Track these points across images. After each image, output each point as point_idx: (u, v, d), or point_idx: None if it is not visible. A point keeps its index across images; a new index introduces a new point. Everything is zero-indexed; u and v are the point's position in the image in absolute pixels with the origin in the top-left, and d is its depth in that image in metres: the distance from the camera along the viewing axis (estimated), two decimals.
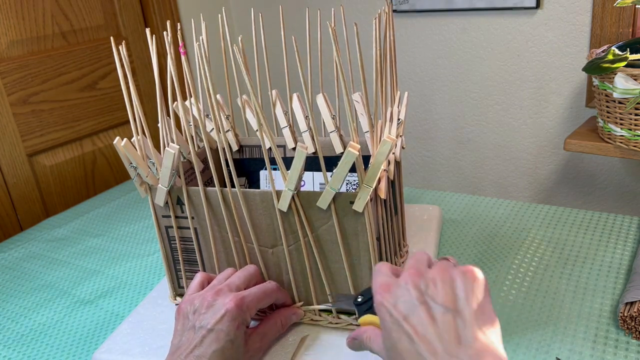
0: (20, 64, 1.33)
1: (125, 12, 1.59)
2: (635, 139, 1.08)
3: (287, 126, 0.74)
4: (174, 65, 0.59)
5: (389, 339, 0.42)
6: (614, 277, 0.69)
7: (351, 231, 0.56)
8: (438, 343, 0.39)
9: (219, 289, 0.56)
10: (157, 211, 0.64)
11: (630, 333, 0.59)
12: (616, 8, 1.29)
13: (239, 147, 0.78)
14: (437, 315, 0.40)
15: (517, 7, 1.43)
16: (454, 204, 0.92)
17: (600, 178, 1.50)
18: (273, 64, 0.74)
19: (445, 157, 1.73)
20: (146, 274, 0.83)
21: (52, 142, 1.41)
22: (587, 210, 0.85)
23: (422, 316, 0.40)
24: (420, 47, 1.64)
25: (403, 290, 0.42)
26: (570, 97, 1.46)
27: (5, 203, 1.33)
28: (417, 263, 0.45)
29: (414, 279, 0.43)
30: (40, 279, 0.85)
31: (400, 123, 0.67)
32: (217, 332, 0.52)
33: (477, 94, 1.60)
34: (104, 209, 1.09)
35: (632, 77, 1.01)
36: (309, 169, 0.74)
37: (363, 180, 0.53)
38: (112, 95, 1.55)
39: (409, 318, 0.41)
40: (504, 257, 0.75)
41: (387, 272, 0.46)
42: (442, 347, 0.38)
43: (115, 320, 0.73)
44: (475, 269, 0.42)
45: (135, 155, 0.60)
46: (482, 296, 0.41)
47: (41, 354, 0.68)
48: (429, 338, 0.39)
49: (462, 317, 0.40)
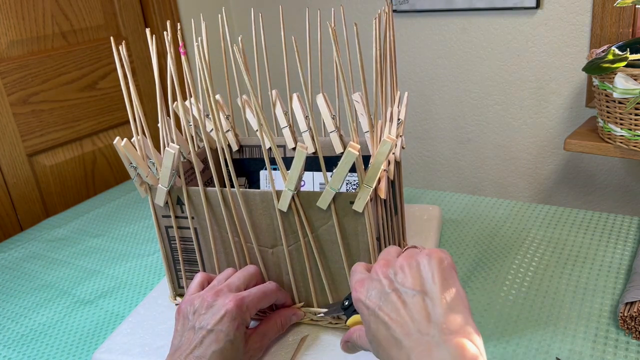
0: (20, 64, 1.33)
1: (125, 12, 1.59)
2: (635, 139, 1.08)
3: (287, 126, 0.74)
4: (174, 65, 0.59)
5: (369, 331, 0.44)
6: (614, 277, 0.69)
7: (351, 231, 0.56)
8: (411, 324, 0.41)
9: (218, 290, 0.56)
10: (157, 211, 0.64)
11: (630, 333, 0.59)
12: (616, 8, 1.29)
13: (239, 147, 0.78)
14: (407, 299, 0.42)
15: (517, 7, 1.43)
16: (454, 204, 0.92)
17: (600, 178, 1.50)
18: (273, 64, 0.74)
19: (445, 157, 1.73)
20: (146, 274, 0.83)
21: (52, 142, 1.41)
22: (587, 210, 0.85)
23: (394, 302, 0.42)
24: (420, 47, 1.64)
25: (375, 282, 0.45)
26: (570, 97, 1.46)
27: (5, 203, 1.33)
28: (386, 255, 0.47)
29: (383, 269, 0.45)
30: (40, 279, 0.85)
31: (400, 123, 0.67)
32: (216, 332, 0.52)
33: (477, 94, 1.60)
34: (104, 209, 1.09)
35: (632, 77, 1.01)
36: (309, 169, 0.74)
37: (363, 180, 0.53)
38: (112, 95, 1.55)
39: (383, 307, 0.43)
40: (504, 257, 0.75)
41: (362, 270, 0.48)
42: (415, 327, 0.40)
43: (115, 320, 0.73)
44: (440, 250, 0.44)
45: (135, 155, 0.60)
46: (448, 274, 0.43)
47: (41, 354, 0.68)
48: (401, 321, 0.41)
49: (430, 296, 0.42)
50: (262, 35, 0.72)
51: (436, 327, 0.39)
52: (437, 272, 0.43)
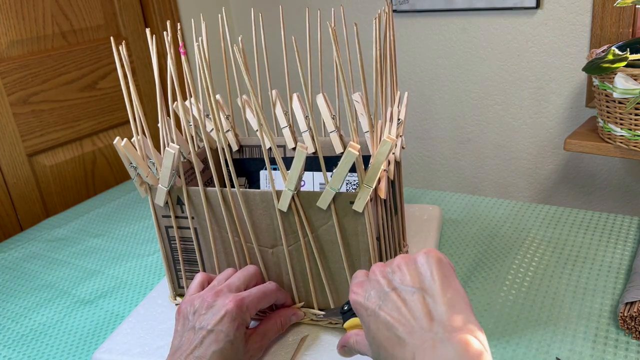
0: (20, 64, 1.33)
1: (125, 12, 1.59)
2: (635, 139, 1.08)
3: (287, 126, 0.74)
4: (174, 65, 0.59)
5: (369, 333, 0.44)
6: (614, 277, 0.69)
7: (351, 231, 0.56)
8: (413, 322, 0.40)
9: (218, 290, 0.56)
10: (157, 211, 0.64)
11: (630, 333, 0.59)
12: (616, 8, 1.29)
13: (239, 147, 0.78)
14: (407, 297, 0.42)
15: (517, 7, 1.43)
16: (454, 204, 0.92)
17: (600, 178, 1.50)
18: (273, 63, 0.74)
19: (445, 157, 1.73)
20: (146, 274, 0.83)
21: (52, 142, 1.41)
22: (587, 210, 0.85)
23: (394, 300, 0.42)
24: (420, 47, 1.64)
25: (373, 282, 0.45)
26: (570, 97, 1.46)
27: (5, 203, 1.33)
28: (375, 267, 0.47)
29: (380, 269, 0.45)
30: (41, 279, 0.85)
31: (400, 123, 0.67)
32: (216, 332, 0.52)
33: (477, 94, 1.60)
34: (104, 209, 1.09)
35: (632, 77, 1.01)
36: (309, 169, 0.74)
37: (363, 180, 0.53)
38: (112, 95, 1.55)
39: (383, 306, 0.43)
40: (504, 257, 0.75)
41: (362, 275, 0.48)
42: (417, 325, 0.40)
43: (115, 320, 0.73)
44: (436, 250, 0.45)
45: (135, 155, 0.60)
46: (447, 272, 0.43)
47: (41, 354, 0.68)
48: (403, 320, 0.41)
49: (431, 294, 0.42)
50: (262, 35, 0.72)
51: (439, 324, 0.39)
52: (435, 269, 0.43)
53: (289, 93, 0.73)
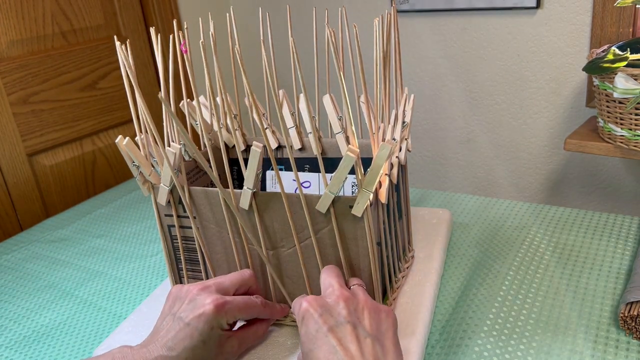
0: (20, 63, 1.33)
1: (125, 12, 1.59)
2: (636, 139, 1.08)
3: (294, 127, 0.74)
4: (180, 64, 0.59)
5: (308, 342, 0.47)
6: (614, 277, 0.69)
7: (350, 236, 0.56)
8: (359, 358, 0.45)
9: (206, 286, 0.56)
10: (160, 210, 0.64)
11: (631, 333, 0.59)
12: (616, 8, 1.30)
13: (246, 146, 0.78)
14: (361, 337, 0.47)
15: (517, 7, 1.43)
16: (454, 204, 0.93)
17: (600, 178, 1.50)
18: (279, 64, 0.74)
19: (445, 157, 1.74)
20: (149, 275, 0.83)
21: (52, 142, 1.41)
22: (587, 210, 0.85)
23: (348, 332, 0.47)
24: (420, 47, 1.64)
25: (335, 307, 0.49)
26: (570, 97, 1.46)
27: (5, 203, 1.33)
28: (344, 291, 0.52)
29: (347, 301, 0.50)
30: (43, 280, 0.85)
31: (406, 125, 0.66)
32: (191, 328, 0.52)
33: (476, 94, 1.60)
34: (105, 209, 1.09)
35: (632, 77, 1.01)
36: (316, 170, 0.74)
37: (362, 184, 0.52)
38: (112, 95, 1.55)
39: (335, 330, 0.47)
40: (504, 257, 0.76)
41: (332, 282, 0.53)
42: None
43: (118, 322, 0.73)
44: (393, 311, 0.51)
45: (138, 153, 0.60)
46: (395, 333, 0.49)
47: (43, 355, 0.68)
48: (352, 353, 0.45)
49: (382, 345, 0.47)
50: (269, 35, 0.72)
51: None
52: (391, 330, 0.49)
53: (296, 94, 0.73)
